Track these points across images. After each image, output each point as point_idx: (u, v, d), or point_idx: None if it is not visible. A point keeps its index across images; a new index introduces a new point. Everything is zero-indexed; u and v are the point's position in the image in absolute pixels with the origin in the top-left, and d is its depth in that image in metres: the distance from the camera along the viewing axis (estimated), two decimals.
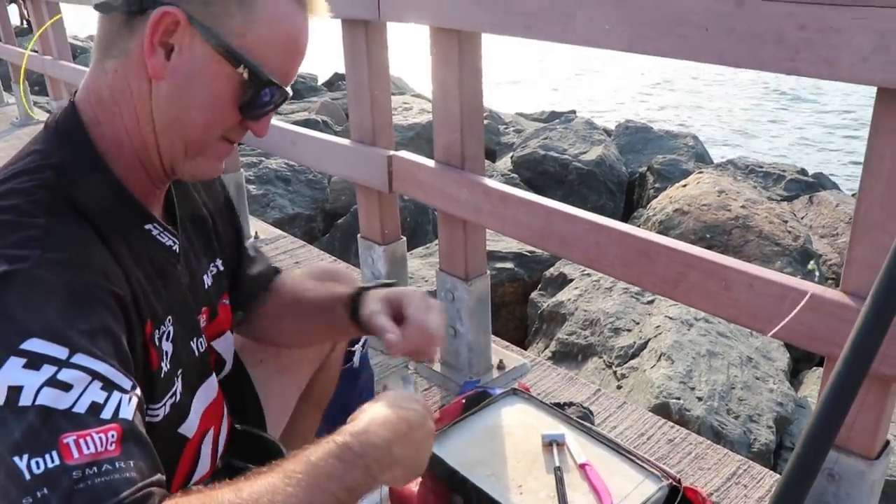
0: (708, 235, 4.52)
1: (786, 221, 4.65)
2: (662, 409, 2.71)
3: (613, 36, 1.65)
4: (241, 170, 3.67)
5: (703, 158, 7.15)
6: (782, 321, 1.46)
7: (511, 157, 6.61)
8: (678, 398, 2.76)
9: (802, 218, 5.38)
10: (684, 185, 5.20)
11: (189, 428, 1.19)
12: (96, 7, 0.98)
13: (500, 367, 2.49)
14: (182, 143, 1.02)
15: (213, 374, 1.28)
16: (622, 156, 6.81)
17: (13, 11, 10.01)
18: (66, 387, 0.78)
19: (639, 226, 4.98)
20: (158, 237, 1.08)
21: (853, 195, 6.31)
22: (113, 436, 0.78)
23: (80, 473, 0.74)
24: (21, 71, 5.65)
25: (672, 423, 2.26)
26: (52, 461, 0.73)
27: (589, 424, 1.89)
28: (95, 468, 0.74)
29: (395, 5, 2.14)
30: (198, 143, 1.03)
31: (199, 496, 0.79)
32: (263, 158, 5.65)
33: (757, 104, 14.12)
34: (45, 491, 0.72)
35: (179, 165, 1.05)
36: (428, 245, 4.57)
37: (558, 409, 1.91)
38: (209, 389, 1.26)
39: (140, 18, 0.95)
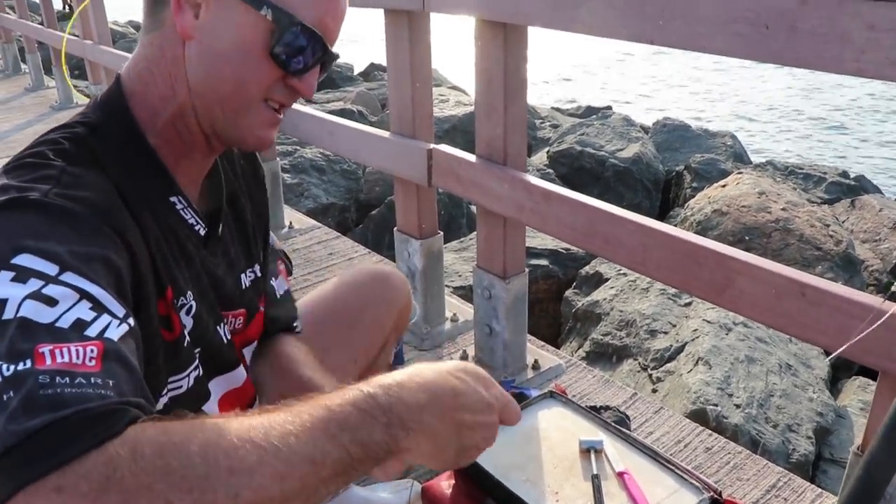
0: (747, 237, 4.44)
1: (827, 225, 4.56)
2: (699, 416, 2.65)
3: (666, 32, 1.60)
4: (277, 158, 3.66)
5: (741, 158, 7.05)
6: (837, 334, 1.40)
7: (547, 152, 6.55)
8: (715, 405, 2.71)
9: (844, 222, 5.27)
10: (723, 186, 5.12)
11: (210, 410, 1.17)
12: None
13: (535, 367, 2.45)
14: (218, 102, 1.01)
15: (242, 368, 1.25)
16: (659, 153, 6.73)
17: None
18: (52, 301, 0.75)
19: (676, 226, 4.91)
20: (181, 212, 1.06)
21: None
22: (93, 351, 0.73)
23: (47, 379, 0.69)
24: (62, 55, 5.69)
25: (710, 431, 2.21)
26: (24, 366, 0.69)
27: (626, 431, 1.84)
28: (67, 378, 0.69)
29: None
30: (233, 101, 1.01)
31: (184, 421, 0.71)
32: (298, 147, 5.64)
33: (797, 104, 13.92)
34: (11, 393, 0.68)
35: (222, 128, 1.04)
36: (462, 239, 4.53)
37: (595, 413, 1.87)
38: (233, 380, 1.23)
39: None
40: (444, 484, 1.76)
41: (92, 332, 0.75)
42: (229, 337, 1.20)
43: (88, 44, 5.14)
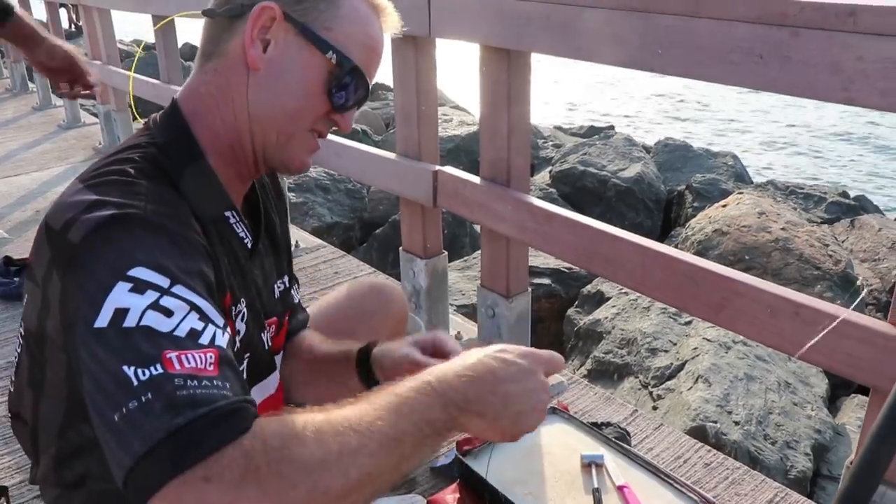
0: (747, 257, 4.49)
1: (827, 245, 4.61)
2: (699, 432, 2.70)
3: (665, 60, 1.66)
4: (284, 177, 3.71)
5: (742, 178, 7.11)
6: (829, 352, 1.45)
7: (550, 172, 6.61)
8: (715, 421, 2.75)
9: (843, 241, 5.32)
10: (724, 206, 5.17)
11: None
12: (204, 13, 1.11)
13: None
14: (274, 130, 1.11)
15: (276, 374, 1.34)
16: (661, 173, 6.79)
17: (63, 15, 10.19)
18: (168, 312, 0.83)
19: (677, 245, 4.96)
20: (234, 226, 1.16)
21: None
22: (211, 357, 0.82)
23: (181, 381, 0.78)
24: (129, 96, 5.69)
25: (709, 447, 2.25)
26: (157, 370, 0.78)
27: (627, 446, 1.89)
28: (196, 381, 0.79)
29: (446, 22, 2.17)
30: (288, 130, 1.11)
31: (293, 416, 0.82)
32: None
33: (797, 124, 13.98)
34: (150, 395, 0.77)
35: (272, 153, 1.13)
36: (465, 258, 4.58)
37: (596, 429, 1.92)
38: (268, 387, 1.32)
39: (240, 21, 1.07)
40: (450, 498, 1.81)
41: (204, 339, 0.84)
42: (270, 343, 1.29)
43: (97, 64, 5.21)
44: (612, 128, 9.65)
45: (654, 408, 3.05)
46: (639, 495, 1.68)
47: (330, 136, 2.99)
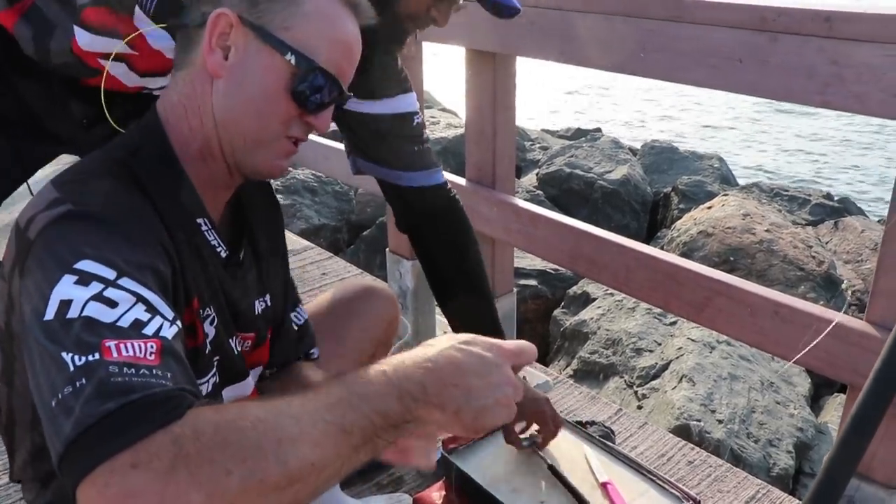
0: (731, 258, 4.53)
1: (810, 247, 4.65)
2: (683, 431, 2.73)
3: (648, 64, 1.69)
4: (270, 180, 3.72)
5: (728, 180, 7.15)
6: (806, 349, 1.48)
7: (536, 174, 6.63)
8: (698, 420, 2.78)
9: (827, 243, 5.37)
10: (709, 207, 5.21)
11: None
12: (166, 29, 1.13)
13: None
14: (241, 136, 1.10)
15: (251, 380, 1.32)
16: (647, 175, 6.82)
17: None
18: (112, 303, 0.84)
19: (662, 247, 5.00)
20: (206, 233, 1.15)
21: (879, 221, 6.30)
22: (152, 347, 0.82)
23: (116, 369, 0.78)
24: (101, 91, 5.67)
25: (692, 445, 2.28)
26: (93, 357, 0.78)
27: (610, 444, 1.91)
28: (133, 369, 0.78)
29: (433, 26, 2.19)
30: (256, 136, 1.10)
31: (234, 403, 0.82)
32: (291, 168, 5.70)
33: (784, 126, 14.06)
34: (84, 381, 0.77)
35: (241, 159, 1.12)
36: None
37: (580, 427, 1.95)
38: (242, 390, 1.30)
39: (201, 30, 1.07)
40: (436, 495, 1.83)
41: (149, 330, 0.84)
42: (240, 349, 1.27)
43: None
44: (598, 130, 9.68)
45: (639, 407, 3.09)
46: (622, 492, 1.70)
47: (317, 139, 3.02)
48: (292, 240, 3.94)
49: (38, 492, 1.12)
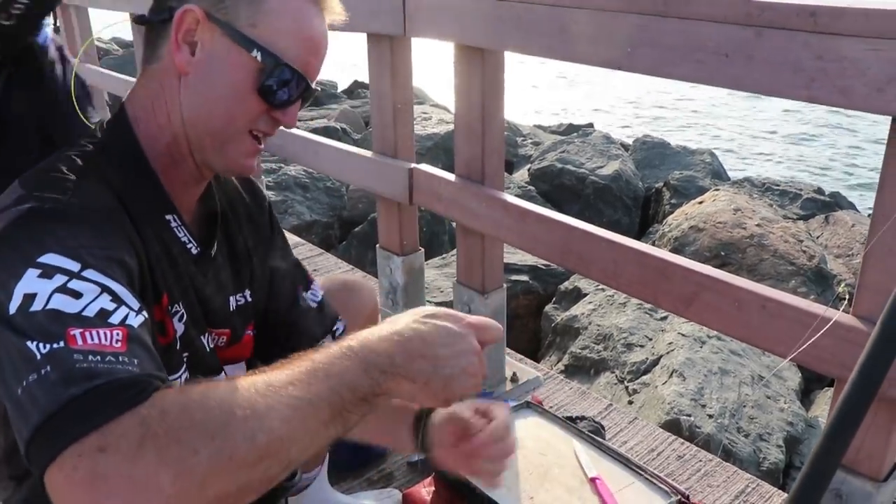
0: (723, 253, 4.54)
1: (801, 241, 4.67)
2: (673, 426, 2.74)
3: (635, 59, 1.69)
4: (262, 176, 3.72)
5: (719, 175, 7.17)
6: (794, 343, 1.48)
7: (528, 170, 6.64)
8: (689, 415, 2.79)
9: (818, 237, 5.39)
10: (700, 202, 5.23)
11: None
12: (134, 20, 1.12)
13: (514, 379, 2.52)
14: (208, 134, 1.10)
15: (224, 375, 1.31)
16: (639, 171, 6.84)
17: None
18: (77, 295, 0.84)
19: (654, 242, 5.01)
20: (175, 230, 1.15)
21: (869, 216, 6.32)
22: (118, 335, 0.82)
23: (81, 356, 0.78)
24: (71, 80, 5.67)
25: (682, 440, 2.29)
26: (58, 345, 0.79)
27: (600, 439, 1.92)
28: (98, 356, 0.79)
29: (421, 22, 2.19)
30: (223, 133, 1.10)
31: (200, 384, 0.81)
32: (283, 165, 5.70)
33: (775, 123, 14.10)
34: (49, 368, 0.77)
35: (209, 157, 1.13)
36: (444, 255, 4.60)
37: (570, 422, 1.95)
38: None
39: (168, 25, 1.07)
40: (424, 491, 1.83)
41: (114, 319, 0.84)
42: (212, 346, 1.27)
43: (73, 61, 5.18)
44: (590, 125, 9.69)
45: (630, 402, 3.09)
46: (611, 486, 1.71)
47: (308, 135, 3.01)
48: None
49: (13, 489, 1.11)
